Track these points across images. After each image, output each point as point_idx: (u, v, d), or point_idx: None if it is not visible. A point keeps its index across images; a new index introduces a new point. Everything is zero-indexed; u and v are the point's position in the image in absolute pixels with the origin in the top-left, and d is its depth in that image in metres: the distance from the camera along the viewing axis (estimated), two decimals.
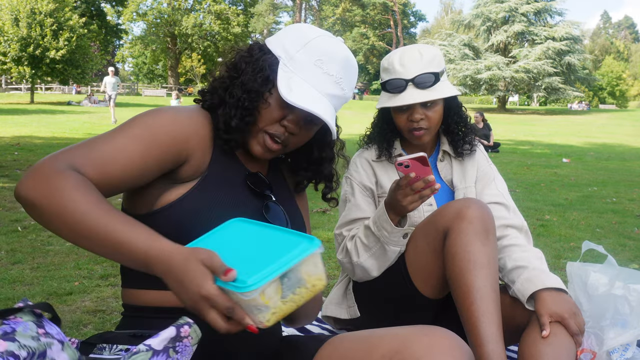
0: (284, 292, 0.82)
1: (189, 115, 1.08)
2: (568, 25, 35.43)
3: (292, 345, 1.13)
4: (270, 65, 1.08)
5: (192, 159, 1.05)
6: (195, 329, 0.87)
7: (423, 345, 0.92)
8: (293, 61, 1.08)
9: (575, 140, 17.32)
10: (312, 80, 1.07)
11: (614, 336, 1.47)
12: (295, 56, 1.08)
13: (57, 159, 0.91)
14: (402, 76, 1.60)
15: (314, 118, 1.09)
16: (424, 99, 1.58)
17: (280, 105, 1.07)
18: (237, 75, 1.10)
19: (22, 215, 4.09)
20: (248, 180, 1.12)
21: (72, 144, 0.97)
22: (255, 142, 1.10)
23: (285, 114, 1.08)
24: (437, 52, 1.65)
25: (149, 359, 0.80)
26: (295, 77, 1.07)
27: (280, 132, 1.09)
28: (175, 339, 0.84)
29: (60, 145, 9.39)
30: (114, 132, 1.00)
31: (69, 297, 2.43)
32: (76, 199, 0.86)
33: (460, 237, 1.40)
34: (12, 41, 24.16)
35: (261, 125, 1.09)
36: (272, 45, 1.11)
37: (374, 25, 57.15)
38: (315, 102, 1.06)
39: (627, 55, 76.07)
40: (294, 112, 1.08)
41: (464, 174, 1.74)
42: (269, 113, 1.08)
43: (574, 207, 5.57)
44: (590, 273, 1.56)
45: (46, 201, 0.86)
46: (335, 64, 1.09)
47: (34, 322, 0.81)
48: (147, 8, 46.51)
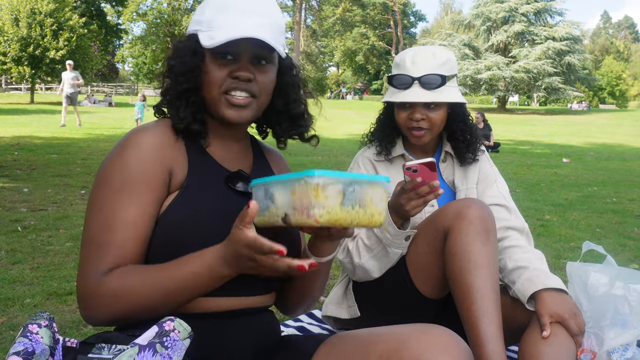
0: (344, 200, 0.84)
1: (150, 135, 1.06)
2: (568, 25, 35.43)
3: (290, 344, 1.13)
4: (191, 41, 1.09)
5: (173, 174, 1.06)
6: (180, 322, 0.87)
7: (421, 344, 0.92)
8: (204, 23, 1.07)
9: (575, 140, 17.32)
10: (227, 23, 1.05)
11: (614, 336, 1.46)
12: (202, 19, 1.08)
13: (89, 276, 0.97)
14: (409, 73, 1.60)
15: (259, 56, 1.07)
16: (426, 99, 1.58)
17: (218, 64, 1.06)
18: (172, 73, 1.11)
19: (22, 215, 4.09)
20: (228, 180, 1.10)
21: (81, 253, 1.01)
22: (224, 108, 1.07)
23: (230, 69, 1.06)
24: (451, 57, 1.65)
25: (136, 354, 0.80)
26: (214, 31, 1.05)
27: (236, 84, 1.06)
28: (161, 334, 0.84)
29: (60, 146, 9.39)
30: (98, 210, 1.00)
31: (69, 297, 2.43)
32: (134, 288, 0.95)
33: (460, 237, 1.40)
34: (12, 41, 24.16)
35: (214, 92, 1.07)
36: (188, 31, 1.12)
37: (374, 25, 57.10)
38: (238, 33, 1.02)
39: (627, 55, 76.06)
40: (237, 62, 1.06)
41: (465, 175, 1.73)
42: (212, 77, 1.06)
43: (574, 207, 5.57)
44: (590, 273, 1.56)
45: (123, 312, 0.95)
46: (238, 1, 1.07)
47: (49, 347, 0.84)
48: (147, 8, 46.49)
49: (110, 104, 25.95)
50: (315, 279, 1.15)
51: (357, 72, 61.78)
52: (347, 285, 1.76)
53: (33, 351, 0.81)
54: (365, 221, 0.87)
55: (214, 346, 1.02)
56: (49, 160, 7.62)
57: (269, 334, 1.12)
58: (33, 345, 0.82)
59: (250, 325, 1.07)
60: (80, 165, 7.24)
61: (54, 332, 0.87)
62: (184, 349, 0.85)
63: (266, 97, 1.12)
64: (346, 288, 1.76)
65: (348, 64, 61.92)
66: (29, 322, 0.87)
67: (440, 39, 36.71)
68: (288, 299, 1.20)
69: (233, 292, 1.04)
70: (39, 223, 3.88)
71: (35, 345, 0.82)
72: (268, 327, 1.11)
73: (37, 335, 0.84)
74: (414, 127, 1.62)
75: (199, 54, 1.07)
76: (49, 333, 0.86)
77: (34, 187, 5.37)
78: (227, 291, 1.02)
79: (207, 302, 1.02)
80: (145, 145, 1.04)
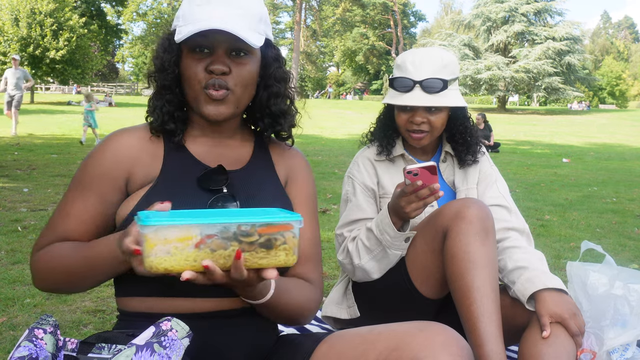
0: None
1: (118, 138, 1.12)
2: (568, 25, 35.41)
3: (289, 343, 1.13)
4: (169, 38, 1.10)
5: (133, 176, 1.08)
6: (178, 321, 0.87)
7: (420, 342, 0.91)
8: (180, 18, 1.07)
9: (575, 140, 17.33)
10: (199, 16, 1.03)
11: (614, 336, 1.46)
12: (180, 13, 1.08)
13: (32, 252, 1.10)
14: (411, 76, 1.60)
15: (234, 48, 1.05)
16: (428, 103, 1.58)
17: (194, 59, 1.05)
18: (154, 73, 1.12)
19: (22, 215, 4.09)
20: (201, 178, 1.07)
21: None
22: (203, 104, 1.06)
23: (206, 62, 1.04)
24: (452, 59, 1.64)
25: (134, 354, 0.80)
26: (186, 26, 1.04)
27: (213, 79, 1.04)
28: (158, 334, 0.84)
29: (60, 146, 9.40)
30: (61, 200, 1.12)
31: (69, 297, 2.43)
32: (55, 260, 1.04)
33: (459, 237, 1.39)
34: (12, 41, 24.16)
35: (196, 88, 1.05)
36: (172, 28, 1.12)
37: (374, 25, 57.08)
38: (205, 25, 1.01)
39: (627, 55, 76.03)
40: (212, 55, 1.04)
41: (465, 175, 1.73)
42: (190, 71, 1.05)
43: (574, 207, 5.57)
44: (590, 273, 1.56)
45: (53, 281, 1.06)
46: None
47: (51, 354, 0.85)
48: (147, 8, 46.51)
49: (111, 104, 25.94)
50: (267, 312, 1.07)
51: (357, 72, 61.73)
52: (346, 285, 1.76)
53: (37, 358, 0.81)
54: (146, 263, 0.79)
55: (209, 346, 1.01)
56: (49, 160, 7.63)
57: (265, 333, 1.11)
58: (37, 351, 0.82)
59: (243, 325, 1.06)
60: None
61: (57, 340, 0.87)
62: (182, 348, 0.85)
63: (243, 90, 1.08)
64: (346, 288, 1.76)
65: (348, 64, 61.86)
66: (35, 326, 0.87)
67: (440, 39, 36.69)
68: None
69: (225, 294, 1.03)
70: (39, 223, 3.88)
71: (39, 352, 0.82)
72: (263, 327, 1.10)
73: (41, 341, 0.84)
74: (414, 129, 1.62)
75: (174, 49, 1.08)
76: (53, 340, 0.86)
77: (34, 187, 5.37)
78: (219, 292, 1.02)
79: (202, 303, 1.02)
80: (108, 149, 1.10)
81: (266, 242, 0.79)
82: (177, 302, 1.02)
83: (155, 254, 0.76)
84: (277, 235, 0.79)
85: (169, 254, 0.76)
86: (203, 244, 0.77)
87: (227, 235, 0.78)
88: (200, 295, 1.02)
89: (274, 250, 0.80)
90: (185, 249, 0.77)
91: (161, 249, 0.76)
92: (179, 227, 0.76)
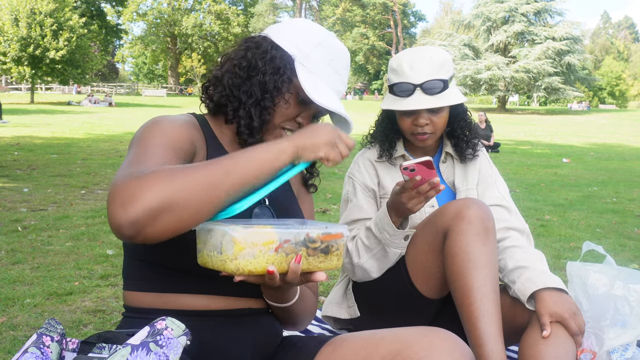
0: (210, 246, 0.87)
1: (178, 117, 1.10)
2: (568, 25, 35.46)
3: (292, 345, 1.13)
4: (287, 64, 1.09)
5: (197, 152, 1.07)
6: (173, 320, 0.87)
7: (423, 347, 0.92)
8: (309, 60, 1.10)
9: (575, 140, 17.33)
10: (327, 80, 1.11)
11: (614, 336, 1.46)
12: (310, 55, 1.10)
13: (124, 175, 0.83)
14: (410, 80, 1.59)
15: (321, 114, 1.14)
16: (431, 106, 1.58)
17: (296, 103, 1.11)
18: (254, 73, 1.09)
19: (22, 215, 4.09)
20: None
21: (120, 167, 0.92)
22: (273, 137, 1.11)
23: (299, 111, 1.12)
24: (447, 57, 1.64)
25: (129, 354, 0.80)
26: (315, 77, 1.09)
27: (295, 127, 1.12)
28: (154, 333, 0.84)
29: (60, 146, 9.40)
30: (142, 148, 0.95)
31: (69, 297, 2.43)
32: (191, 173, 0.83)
33: (460, 237, 1.40)
34: (12, 41, 24.19)
35: (277, 121, 1.11)
36: (281, 41, 1.11)
37: (374, 25, 57.12)
38: (334, 100, 1.09)
39: (627, 55, 76.05)
40: (309, 110, 1.12)
41: (465, 175, 1.73)
42: (287, 111, 1.10)
43: (574, 207, 5.57)
44: (590, 273, 1.56)
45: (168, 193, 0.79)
46: (343, 62, 1.14)
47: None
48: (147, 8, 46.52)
49: (111, 104, 25.95)
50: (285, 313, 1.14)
51: (357, 72, 61.78)
52: (347, 285, 1.76)
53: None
54: (222, 267, 0.86)
55: (213, 345, 1.02)
56: (49, 160, 7.63)
57: (269, 334, 1.12)
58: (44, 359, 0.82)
59: (249, 326, 1.07)
60: (80, 165, 7.24)
61: (62, 349, 0.87)
62: (180, 346, 0.85)
63: None
64: (346, 288, 1.76)
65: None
66: (43, 332, 0.86)
67: (440, 39, 36.72)
68: None
69: (232, 293, 1.04)
70: (39, 223, 3.88)
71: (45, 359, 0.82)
72: (268, 328, 1.11)
73: (48, 349, 0.84)
74: (419, 132, 1.62)
75: (290, 82, 1.09)
76: (58, 350, 0.86)
77: (34, 187, 5.37)
78: (227, 291, 1.03)
79: (210, 301, 1.02)
80: (177, 120, 1.06)
81: (325, 248, 0.92)
82: (185, 300, 1.02)
83: (243, 256, 0.84)
84: (333, 242, 0.92)
85: (253, 257, 0.85)
86: (281, 248, 0.87)
87: (298, 241, 0.88)
88: (210, 293, 1.02)
89: (330, 255, 0.93)
90: (266, 252, 0.86)
91: (248, 252, 0.84)
92: (266, 232, 0.85)
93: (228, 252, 0.84)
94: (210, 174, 0.84)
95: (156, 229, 0.79)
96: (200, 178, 0.82)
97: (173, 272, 1.01)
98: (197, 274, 1.00)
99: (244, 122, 1.09)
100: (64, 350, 0.87)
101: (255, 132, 1.09)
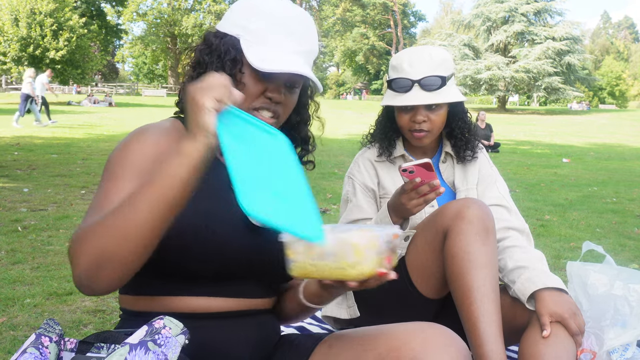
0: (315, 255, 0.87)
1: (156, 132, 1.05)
2: (568, 25, 35.44)
3: (290, 343, 1.14)
4: (232, 46, 1.05)
5: None
6: (170, 319, 0.87)
7: (419, 342, 0.92)
8: (252, 33, 1.05)
9: (575, 140, 17.33)
10: (277, 45, 1.04)
11: (614, 336, 1.46)
12: (250, 27, 1.05)
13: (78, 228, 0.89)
14: (409, 76, 1.60)
15: (293, 81, 1.07)
16: (428, 101, 1.58)
17: (256, 79, 1.05)
18: (204, 69, 1.07)
19: (22, 215, 4.09)
20: None
21: None
22: None
23: (265, 87, 1.05)
24: (447, 56, 1.65)
25: (127, 353, 0.80)
26: (260, 47, 1.04)
27: (266, 104, 1.06)
28: (152, 332, 0.84)
29: (60, 146, 9.40)
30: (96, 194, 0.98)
31: (69, 297, 2.43)
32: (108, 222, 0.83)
33: (460, 237, 1.39)
34: (12, 41, 24.19)
35: (244, 106, 1.03)
36: (225, 27, 1.08)
37: (374, 25, 57.14)
38: (290, 63, 1.03)
39: (627, 55, 76.06)
40: (273, 82, 1.05)
41: (465, 176, 1.73)
42: (246, 91, 1.04)
43: (574, 207, 5.57)
44: (590, 273, 1.56)
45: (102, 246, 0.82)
46: (290, 21, 1.06)
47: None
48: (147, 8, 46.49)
49: (111, 104, 25.94)
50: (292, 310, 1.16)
51: (357, 72, 61.82)
52: None
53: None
54: (338, 274, 0.86)
55: (212, 346, 1.02)
56: (49, 160, 7.63)
57: (269, 334, 1.12)
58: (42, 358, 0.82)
59: (248, 326, 1.07)
60: (80, 165, 7.24)
61: (60, 350, 0.87)
62: (178, 345, 0.85)
63: (285, 117, 1.12)
64: None
65: (348, 64, 61.95)
66: (42, 332, 0.86)
67: (440, 39, 36.70)
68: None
69: (232, 294, 1.04)
70: (39, 223, 3.88)
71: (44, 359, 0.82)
72: (267, 328, 1.11)
73: (47, 349, 0.83)
74: (416, 129, 1.63)
75: (238, 62, 1.05)
76: (56, 350, 0.85)
77: (34, 187, 5.37)
78: (226, 292, 1.03)
79: (209, 302, 1.02)
80: (148, 140, 1.02)
81: (393, 247, 0.93)
82: (183, 302, 1.02)
83: (362, 261, 0.86)
84: (395, 242, 0.94)
85: (369, 260, 0.87)
86: (381, 249, 0.89)
87: (387, 242, 0.90)
88: (208, 295, 1.02)
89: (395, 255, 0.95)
90: (375, 255, 0.88)
91: (366, 256, 0.86)
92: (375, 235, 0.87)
93: (348, 259, 0.86)
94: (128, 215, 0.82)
95: (102, 284, 0.84)
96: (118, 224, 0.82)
97: (170, 276, 1.00)
98: (195, 276, 1.00)
99: None
100: (62, 350, 0.87)
101: None
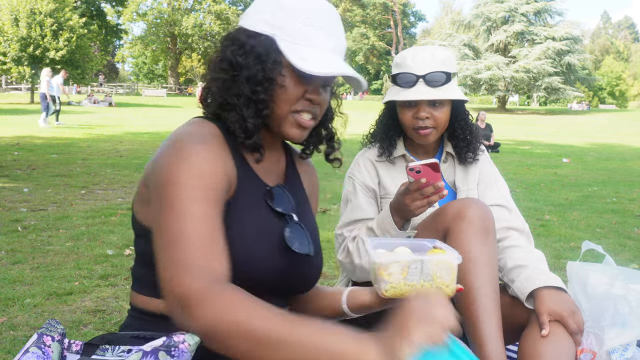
0: (408, 275, 0.99)
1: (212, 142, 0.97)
2: (568, 25, 35.46)
3: None
4: (270, 47, 1.00)
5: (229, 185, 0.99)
6: (192, 335, 0.86)
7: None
8: (287, 32, 0.99)
9: (575, 140, 17.32)
10: (313, 42, 1.00)
11: (614, 336, 1.46)
12: (286, 27, 1.00)
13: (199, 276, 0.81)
14: (413, 71, 1.60)
15: (327, 81, 1.05)
16: (433, 97, 1.58)
17: (296, 81, 1.00)
18: (238, 71, 1.01)
19: (22, 215, 4.09)
20: (267, 198, 1.04)
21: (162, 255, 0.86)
22: (289, 127, 1.03)
23: (305, 89, 1.01)
24: (450, 55, 1.65)
25: (140, 359, 0.80)
26: (299, 47, 0.99)
27: (307, 106, 1.03)
28: (169, 344, 0.84)
29: (60, 146, 9.39)
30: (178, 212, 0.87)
31: (69, 297, 2.43)
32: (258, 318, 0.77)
33: (460, 237, 1.40)
34: (12, 41, 24.18)
35: (284, 109, 1.01)
36: (255, 26, 1.02)
37: (374, 25, 57.13)
38: (333, 63, 1.00)
39: (627, 55, 76.00)
40: (312, 83, 1.02)
41: (466, 176, 1.73)
42: (288, 94, 1.00)
43: (574, 207, 5.57)
44: (590, 273, 1.56)
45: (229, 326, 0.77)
46: (319, 14, 1.02)
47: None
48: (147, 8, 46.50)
49: (111, 104, 25.94)
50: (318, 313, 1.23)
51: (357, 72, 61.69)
52: (347, 285, 1.76)
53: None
54: None
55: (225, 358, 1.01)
56: (49, 160, 7.63)
57: None
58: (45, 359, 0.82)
59: None
60: (80, 165, 7.24)
61: (63, 349, 0.87)
62: (189, 358, 0.86)
63: (320, 117, 1.10)
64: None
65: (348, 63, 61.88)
66: (44, 332, 0.86)
67: (440, 39, 36.72)
68: None
69: None
70: (39, 223, 3.89)
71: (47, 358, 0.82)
72: None
73: (49, 348, 0.83)
74: (420, 126, 1.62)
75: (279, 64, 0.99)
76: (59, 349, 0.86)
77: (34, 187, 5.37)
78: None
79: None
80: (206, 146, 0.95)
81: None
82: None
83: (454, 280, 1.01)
84: None
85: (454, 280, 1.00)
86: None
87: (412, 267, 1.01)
88: None
89: None
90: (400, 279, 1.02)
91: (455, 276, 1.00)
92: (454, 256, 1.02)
93: (445, 279, 0.98)
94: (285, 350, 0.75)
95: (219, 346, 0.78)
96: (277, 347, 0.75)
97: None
98: None
99: (238, 126, 1.00)
100: (65, 350, 0.87)
101: (251, 133, 1.00)
